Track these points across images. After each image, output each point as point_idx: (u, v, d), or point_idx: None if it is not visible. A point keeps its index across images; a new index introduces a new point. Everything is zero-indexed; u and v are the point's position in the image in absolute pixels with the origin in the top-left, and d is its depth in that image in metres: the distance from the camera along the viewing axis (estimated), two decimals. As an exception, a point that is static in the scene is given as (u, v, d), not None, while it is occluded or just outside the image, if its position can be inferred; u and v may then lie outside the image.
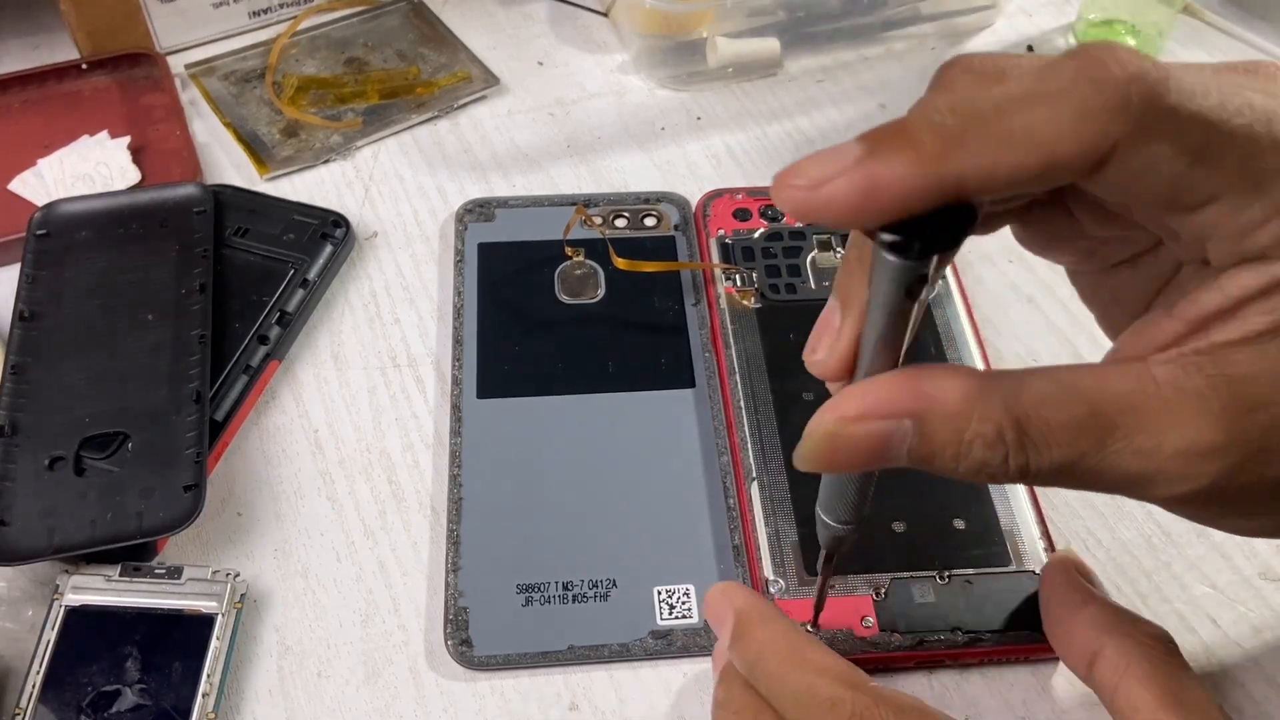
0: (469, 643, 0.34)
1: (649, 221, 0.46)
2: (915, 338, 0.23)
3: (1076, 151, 0.20)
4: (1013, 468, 0.22)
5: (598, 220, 0.45)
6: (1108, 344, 0.27)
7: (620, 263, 0.43)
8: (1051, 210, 0.26)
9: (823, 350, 0.25)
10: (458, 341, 0.41)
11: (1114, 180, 0.21)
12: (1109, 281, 0.27)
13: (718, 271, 0.43)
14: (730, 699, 0.30)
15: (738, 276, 0.43)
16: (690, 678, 0.34)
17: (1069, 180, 0.21)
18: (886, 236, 0.20)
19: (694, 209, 0.46)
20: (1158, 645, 0.29)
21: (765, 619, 0.30)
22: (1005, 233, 0.28)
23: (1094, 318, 0.29)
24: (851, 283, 0.24)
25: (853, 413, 0.22)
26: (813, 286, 0.42)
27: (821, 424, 0.23)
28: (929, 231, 0.20)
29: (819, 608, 0.33)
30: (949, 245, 0.20)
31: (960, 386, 0.22)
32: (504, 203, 0.46)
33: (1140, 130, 0.20)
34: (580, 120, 0.51)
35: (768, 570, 0.35)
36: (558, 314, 0.42)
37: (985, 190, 0.20)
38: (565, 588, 0.35)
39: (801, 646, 0.29)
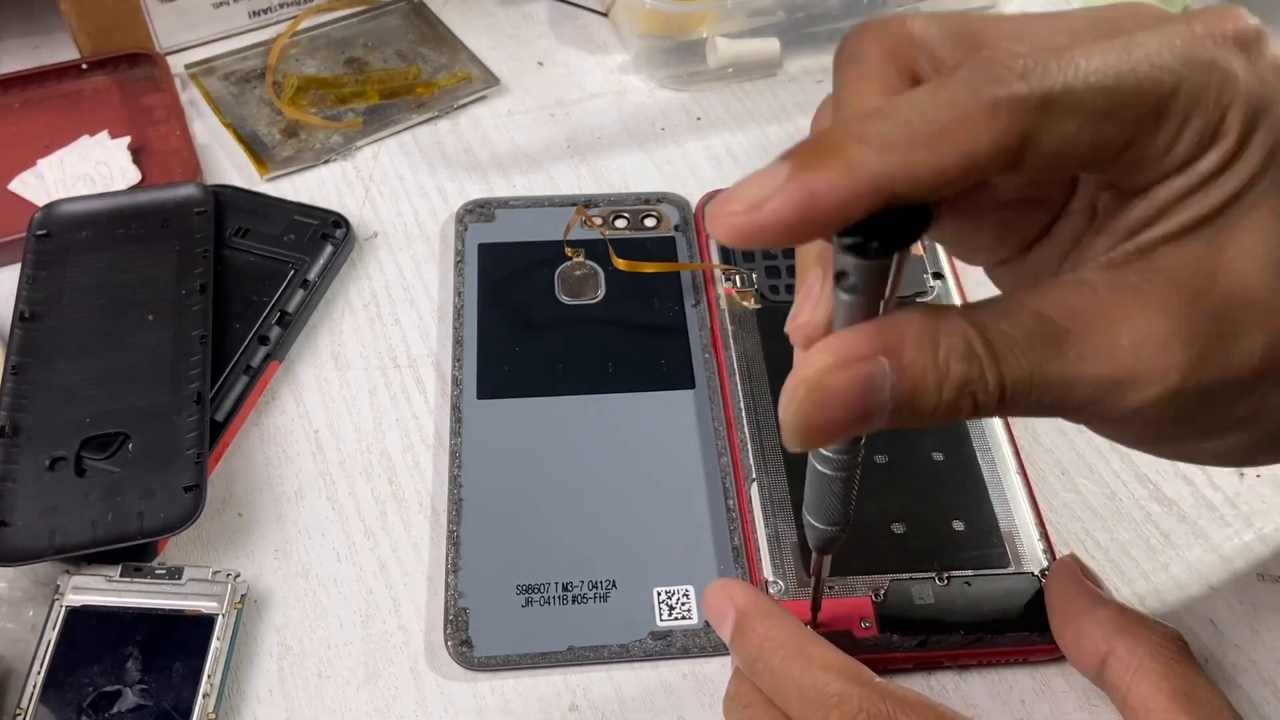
0: (469, 643, 0.34)
1: (649, 222, 0.46)
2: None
3: (992, 145, 0.21)
4: (992, 382, 0.22)
5: (598, 221, 0.45)
6: None
7: (620, 263, 0.43)
8: (970, 195, 0.27)
9: (806, 312, 0.25)
10: (458, 342, 0.41)
11: (1034, 162, 0.21)
12: (1029, 265, 0.28)
13: (717, 272, 0.43)
14: (741, 693, 0.30)
15: (737, 277, 0.43)
16: (690, 678, 0.34)
17: (990, 174, 0.21)
18: (846, 240, 0.21)
19: (694, 209, 0.46)
20: (1169, 645, 0.30)
21: (767, 615, 0.30)
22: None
23: None
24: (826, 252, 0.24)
25: (830, 361, 0.22)
26: (812, 287, 0.42)
27: (801, 382, 0.22)
28: (885, 230, 0.21)
29: (816, 608, 0.33)
30: (902, 245, 0.21)
31: (918, 314, 0.22)
32: (504, 203, 0.46)
33: (1044, 113, 0.21)
34: (580, 120, 0.51)
35: (767, 571, 0.35)
36: (558, 315, 0.42)
37: (916, 193, 0.21)
38: (565, 588, 0.35)
39: (805, 643, 0.29)
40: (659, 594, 0.35)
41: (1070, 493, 0.38)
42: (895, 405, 0.22)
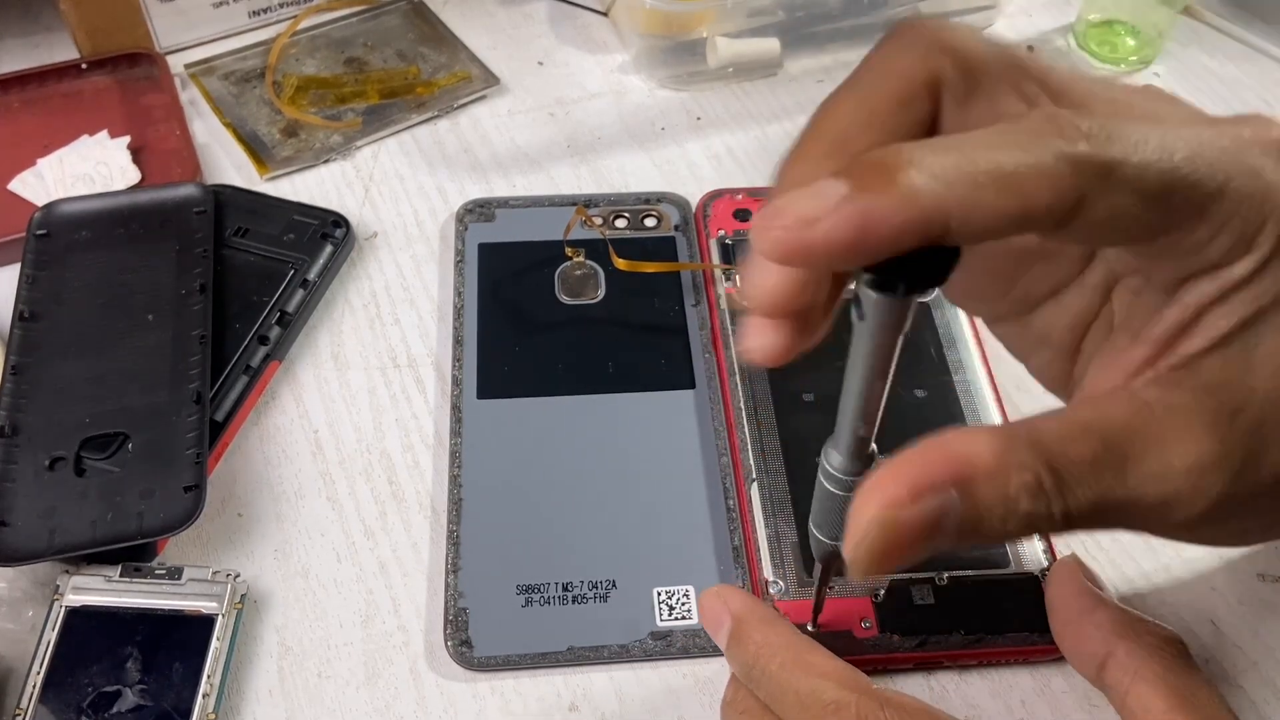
0: (469, 643, 0.34)
1: (649, 222, 0.46)
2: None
3: (1049, 201, 0.20)
4: (1057, 515, 0.22)
5: (598, 221, 0.45)
6: None
7: (620, 263, 0.43)
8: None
9: (766, 277, 0.24)
10: (458, 342, 0.41)
11: (1080, 229, 0.21)
12: (1034, 324, 0.28)
13: (718, 272, 0.43)
14: (738, 699, 0.30)
15: (738, 277, 0.43)
16: (690, 679, 0.34)
17: (1038, 230, 0.21)
18: (872, 277, 0.21)
19: (694, 209, 0.46)
20: (1168, 648, 0.30)
21: (763, 621, 0.30)
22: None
23: (1026, 369, 0.30)
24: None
25: (903, 494, 0.21)
26: (813, 287, 0.42)
27: (870, 517, 0.22)
28: (912, 270, 0.20)
29: (817, 611, 0.33)
30: (934, 283, 0.21)
31: (989, 442, 0.22)
32: (504, 203, 0.46)
33: (1103, 181, 0.21)
34: (580, 120, 0.51)
35: (767, 571, 0.35)
36: (558, 315, 0.42)
37: (966, 234, 0.20)
38: (565, 589, 0.35)
39: (802, 650, 0.29)
40: (659, 594, 0.35)
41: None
42: (958, 532, 0.22)
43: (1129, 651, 0.30)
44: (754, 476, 0.37)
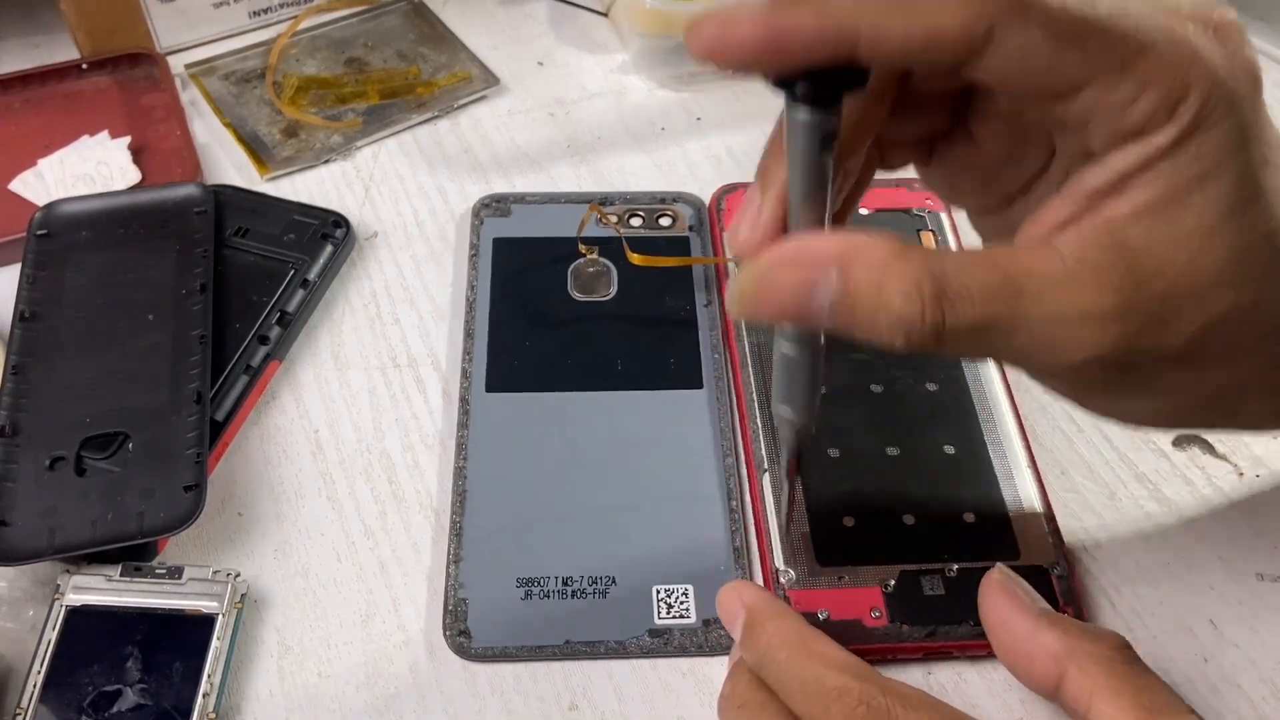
0: (467, 634, 0.34)
1: (664, 221, 0.46)
2: (837, 205, 0.26)
3: (958, 27, 0.22)
4: (928, 323, 0.23)
5: (613, 219, 0.45)
6: None
7: (635, 258, 0.43)
8: (954, 140, 0.29)
9: (745, 229, 0.26)
10: (468, 335, 0.41)
11: (994, 64, 0.23)
12: (1010, 217, 0.29)
13: (732, 266, 0.43)
14: (736, 693, 0.31)
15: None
16: (690, 677, 0.34)
17: (950, 58, 0.23)
18: (798, 88, 0.23)
19: (708, 205, 0.46)
20: (1115, 655, 0.29)
21: (775, 614, 0.31)
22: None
23: None
24: (770, 165, 0.26)
25: (788, 255, 0.24)
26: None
27: (755, 266, 0.24)
28: (828, 81, 0.23)
29: (790, 516, 0.34)
30: (847, 90, 0.23)
31: (886, 243, 0.24)
32: (520, 198, 0.46)
33: (1014, 14, 0.22)
34: (580, 120, 0.51)
35: (779, 560, 0.35)
36: (569, 311, 0.42)
37: (876, 54, 0.22)
38: (565, 583, 0.35)
39: (810, 640, 0.30)
40: (658, 592, 0.35)
41: (1070, 493, 0.38)
42: (834, 315, 0.24)
43: (1081, 671, 0.29)
44: (766, 466, 0.37)
